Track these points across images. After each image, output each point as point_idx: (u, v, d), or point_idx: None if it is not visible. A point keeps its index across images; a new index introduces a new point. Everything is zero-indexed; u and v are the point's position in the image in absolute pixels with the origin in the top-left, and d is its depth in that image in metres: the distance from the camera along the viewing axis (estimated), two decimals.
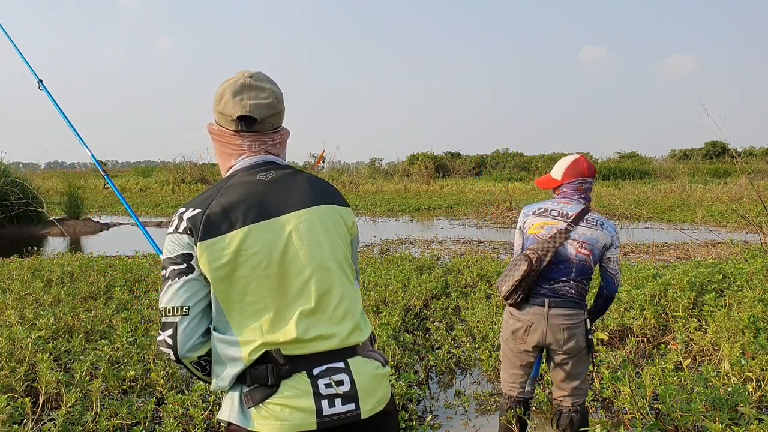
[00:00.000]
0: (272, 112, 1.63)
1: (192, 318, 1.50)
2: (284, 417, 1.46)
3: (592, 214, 3.09)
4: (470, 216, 18.09)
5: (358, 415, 1.50)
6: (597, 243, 3.00)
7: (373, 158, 45.05)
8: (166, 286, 1.51)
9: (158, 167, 37.56)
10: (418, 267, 7.97)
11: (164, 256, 1.54)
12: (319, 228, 1.57)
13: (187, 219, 1.52)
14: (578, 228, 3.00)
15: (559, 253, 2.97)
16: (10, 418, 3.17)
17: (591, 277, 3.04)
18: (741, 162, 12.33)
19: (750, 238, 11.20)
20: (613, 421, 3.73)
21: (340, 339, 1.53)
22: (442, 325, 5.35)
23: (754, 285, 5.36)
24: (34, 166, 59.23)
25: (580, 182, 3.11)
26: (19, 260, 8.31)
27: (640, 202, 18.95)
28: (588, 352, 3.02)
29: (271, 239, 1.51)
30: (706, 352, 4.53)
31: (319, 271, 1.53)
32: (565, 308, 2.93)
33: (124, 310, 5.71)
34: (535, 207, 3.15)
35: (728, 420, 3.10)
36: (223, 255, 1.48)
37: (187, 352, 1.50)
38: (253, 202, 1.53)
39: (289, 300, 1.51)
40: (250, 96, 1.61)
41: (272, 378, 1.47)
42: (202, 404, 3.42)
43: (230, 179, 1.60)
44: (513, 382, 3.10)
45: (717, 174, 33.37)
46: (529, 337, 2.97)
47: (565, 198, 3.11)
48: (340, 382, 1.50)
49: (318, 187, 1.64)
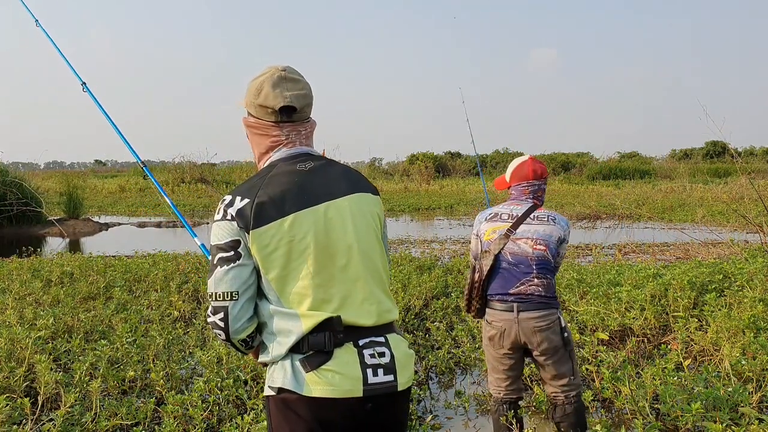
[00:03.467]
0: (308, 102, 1.76)
1: (241, 302, 1.62)
2: (335, 383, 1.57)
3: (542, 210, 3.11)
4: (470, 216, 18.06)
5: (395, 386, 1.64)
6: (551, 237, 3.03)
7: (373, 158, 45.09)
8: (215, 272, 1.62)
9: (158, 167, 37.56)
10: (418, 267, 7.96)
11: (213, 243, 1.64)
12: (357, 214, 1.69)
13: (236, 208, 1.62)
14: (528, 226, 3.04)
15: (516, 253, 3.01)
16: (10, 418, 3.17)
17: (553, 271, 3.06)
18: (741, 162, 12.34)
19: (750, 237, 11.19)
20: (614, 421, 3.73)
21: (378, 316, 1.66)
22: (442, 325, 5.34)
23: (755, 285, 5.35)
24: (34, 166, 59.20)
25: (525, 185, 3.14)
26: (19, 260, 8.30)
27: (640, 202, 18.93)
28: (567, 349, 3.03)
29: (315, 225, 1.63)
30: (707, 352, 4.52)
31: (359, 253, 1.66)
32: (534, 310, 2.95)
33: (124, 311, 5.70)
34: (487, 212, 3.20)
35: (728, 420, 3.09)
36: (273, 241, 1.60)
37: (237, 332, 1.64)
38: (297, 191, 1.65)
39: (335, 280, 1.63)
40: (288, 87, 1.72)
41: (329, 345, 1.59)
42: (202, 404, 3.41)
43: (272, 169, 1.70)
44: (498, 385, 3.14)
45: (717, 174, 33.34)
46: (505, 341, 3.02)
47: (515, 200, 3.16)
48: (382, 353, 1.63)
49: (353, 177, 1.76)
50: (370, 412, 1.61)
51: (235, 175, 31.13)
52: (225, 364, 4.09)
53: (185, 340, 4.88)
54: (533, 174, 3.13)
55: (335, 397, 1.57)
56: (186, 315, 5.89)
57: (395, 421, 1.70)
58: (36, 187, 16.20)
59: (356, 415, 1.60)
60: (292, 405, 1.60)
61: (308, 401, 1.58)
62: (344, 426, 1.61)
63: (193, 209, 21.10)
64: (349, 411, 1.59)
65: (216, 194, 25.12)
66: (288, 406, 1.60)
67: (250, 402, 3.61)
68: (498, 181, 3.31)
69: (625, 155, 43.77)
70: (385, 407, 1.64)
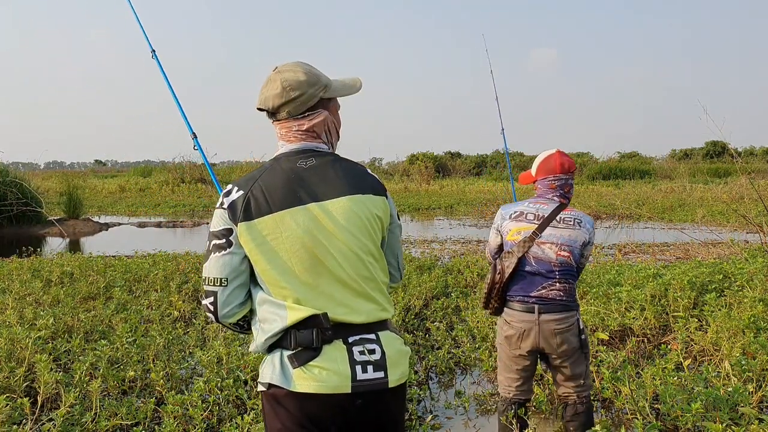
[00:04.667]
0: (281, 102, 1.73)
1: (230, 288, 1.66)
2: (323, 379, 1.59)
3: (569, 212, 3.02)
4: (470, 216, 18.07)
5: (386, 383, 1.65)
6: (576, 242, 2.98)
7: (373, 158, 45.13)
8: (209, 258, 1.67)
9: (158, 167, 37.55)
10: (418, 267, 7.96)
11: (210, 229, 1.70)
12: (352, 215, 1.68)
13: (231, 199, 1.67)
14: (554, 229, 2.96)
15: (540, 258, 2.95)
16: (9, 418, 3.16)
17: (576, 275, 3.03)
18: (741, 162, 12.33)
19: (750, 237, 11.20)
20: (614, 421, 3.73)
21: (368, 314, 1.67)
22: (442, 325, 5.34)
23: (755, 285, 5.35)
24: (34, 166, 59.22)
25: (552, 179, 3.04)
26: (19, 260, 8.29)
27: (640, 202, 18.93)
28: (583, 351, 3.01)
29: (304, 224, 1.64)
30: (707, 352, 4.52)
31: (349, 254, 1.66)
32: (555, 313, 2.92)
33: (124, 311, 5.70)
34: (511, 209, 3.10)
35: (728, 420, 3.09)
36: (260, 236, 1.63)
37: (226, 317, 1.68)
38: (290, 188, 1.66)
39: (322, 279, 1.64)
40: (265, 90, 1.76)
41: (317, 342, 1.60)
42: (202, 404, 3.41)
43: (275, 163, 1.74)
44: (509, 385, 3.10)
45: (717, 174, 33.34)
46: (523, 343, 2.98)
47: (541, 198, 3.07)
48: (372, 350, 1.64)
49: (355, 177, 1.74)
50: (360, 409, 1.62)
51: (235, 175, 31.13)
52: (225, 364, 4.09)
53: (185, 340, 4.88)
54: (561, 167, 3.03)
55: (323, 393, 1.59)
56: (186, 315, 5.89)
57: (389, 418, 1.71)
58: (36, 187, 16.20)
59: (346, 411, 1.62)
60: (281, 400, 1.62)
61: (296, 396, 1.60)
62: (334, 422, 1.62)
63: (193, 209, 21.10)
64: (338, 407, 1.61)
65: (216, 194, 25.10)
66: (278, 402, 1.63)
67: (250, 402, 3.60)
68: (523, 175, 3.21)
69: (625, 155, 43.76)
70: (375, 404, 1.65)
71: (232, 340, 4.68)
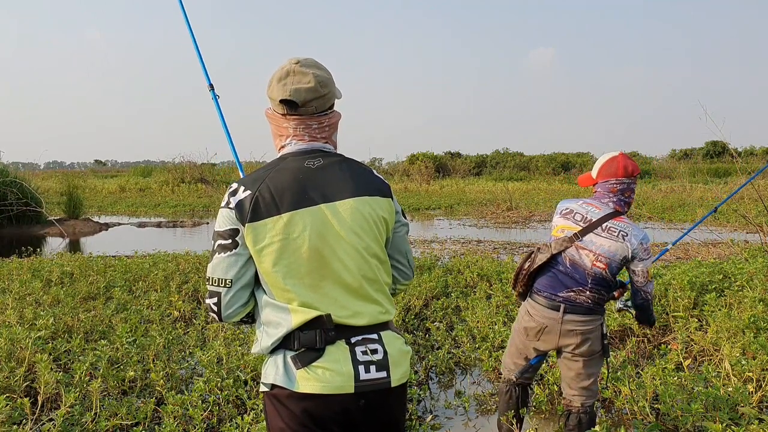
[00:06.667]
0: (313, 96, 1.71)
1: (234, 289, 1.66)
2: (326, 379, 1.59)
3: (619, 221, 2.88)
4: (470, 216, 18.07)
5: (388, 383, 1.65)
6: (615, 256, 2.84)
7: (373, 158, 45.12)
8: (213, 258, 1.66)
9: (158, 167, 37.56)
10: (418, 267, 7.96)
11: (215, 229, 1.68)
12: (359, 217, 1.67)
13: (238, 198, 1.64)
14: (596, 237, 2.85)
15: (576, 262, 2.88)
16: (10, 418, 3.17)
17: (610, 285, 2.93)
18: (741, 162, 12.33)
19: (750, 237, 11.20)
20: (614, 421, 3.72)
21: (370, 316, 1.67)
22: (442, 325, 5.34)
23: (755, 285, 5.35)
24: (34, 166, 59.23)
25: (614, 182, 2.93)
26: (19, 260, 8.30)
27: (640, 202, 18.92)
28: (602, 356, 2.97)
29: (312, 225, 1.63)
30: (707, 352, 4.52)
31: (355, 256, 1.66)
32: (579, 314, 2.87)
33: (124, 311, 5.70)
34: (565, 205, 3.03)
35: (728, 420, 3.09)
36: (267, 237, 1.61)
37: (229, 317, 1.69)
38: (299, 188, 1.65)
39: (326, 281, 1.64)
40: (293, 81, 1.71)
41: (320, 342, 1.61)
42: (202, 404, 3.41)
43: (281, 162, 1.71)
44: (514, 368, 3.10)
45: (717, 174, 33.34)
46: (542, 337, 2.94)
47: (596, 200, 2.97)
48: (374, 350, 1.65)
49: (362, 178, 1.74)
50: (363, 409, 1.63)
51: (235, 175, 31.12)
52: (225, 364, 4.09)
53: (185, 340, 4.88)
54: (623, 171, 2.91)
55: (326, 393, 1.59)
56: (186, 315, 5.89)
57: (391, 417, 1.72)
58: (36, 187, 16.20)
59: (349, 411, 1.62)
60: (284, 401, 1.62)
61: (300, 397, 1.60)
62: (338, 422, 1.62)
63: (193, 209, 21.10)
64: (341, 407, 1.61)
65: (216, 194, 25.11)
66: (280, 402, 1.63)
67: (250, 402, 3.61)
68: (583, 177, 3.10)
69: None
70: (378, 403, 1.65)
71: (232, 340, 4.68)
